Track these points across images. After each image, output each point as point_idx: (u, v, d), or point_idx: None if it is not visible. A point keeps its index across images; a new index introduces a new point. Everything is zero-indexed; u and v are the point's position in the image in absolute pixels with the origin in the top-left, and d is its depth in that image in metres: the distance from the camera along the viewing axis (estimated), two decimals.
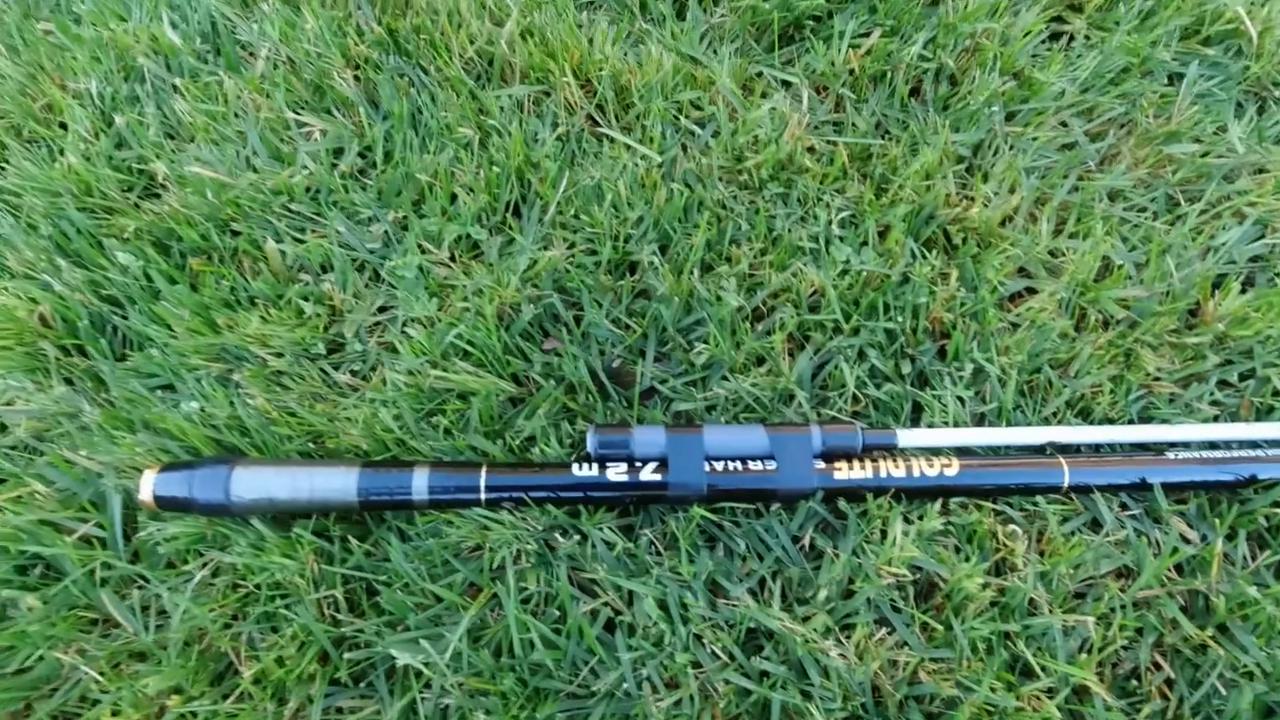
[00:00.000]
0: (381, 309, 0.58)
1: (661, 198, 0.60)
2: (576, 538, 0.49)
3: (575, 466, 0.50)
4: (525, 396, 0.55)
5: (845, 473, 0.50)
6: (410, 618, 0.47)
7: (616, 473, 0.50)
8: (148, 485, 0.48)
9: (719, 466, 0.50)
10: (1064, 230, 0.61)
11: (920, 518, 0.49)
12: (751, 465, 0.50)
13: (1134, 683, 0.48)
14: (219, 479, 0.48)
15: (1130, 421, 0.55)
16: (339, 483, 0.48)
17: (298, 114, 0.64)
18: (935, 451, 0.52)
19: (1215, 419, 0.55)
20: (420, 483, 0.49)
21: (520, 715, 0.45)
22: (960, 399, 0.55)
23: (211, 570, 0.49)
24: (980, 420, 0.55)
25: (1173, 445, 0.53)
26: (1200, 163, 0.63)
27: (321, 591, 0.48)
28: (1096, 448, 0.54)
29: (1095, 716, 0.46)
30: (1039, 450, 0.53)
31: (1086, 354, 0.55)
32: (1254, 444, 0.53)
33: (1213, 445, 0.53)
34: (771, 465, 0.50)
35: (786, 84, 0.68)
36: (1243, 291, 0.59)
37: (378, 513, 0.51)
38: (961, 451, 0.53)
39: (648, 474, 0.49)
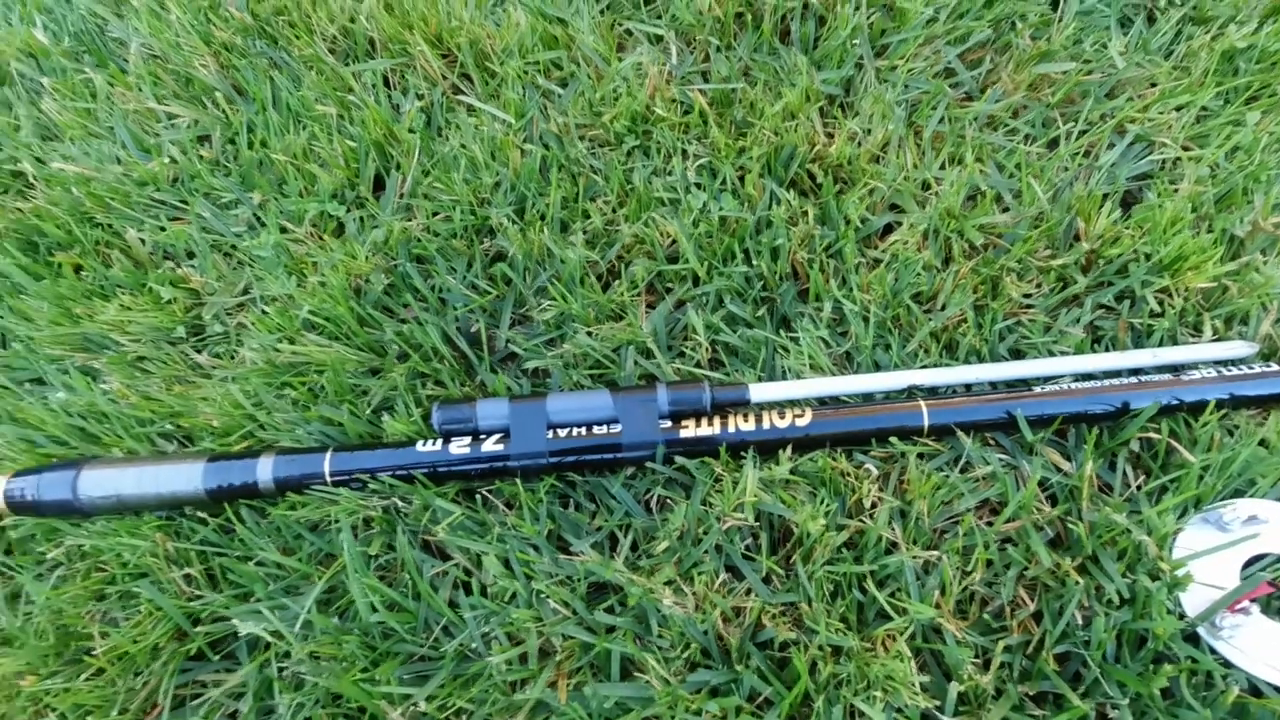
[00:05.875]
0: (245, 291, 0.58)
1: (517, 159, 0.59)
2: (418, 502, 0.49)
3: (420, 443, 0.49)
4: (389, 367, 0.55)
5: (692, 430, 0.49)
6: (259, 589, 0.48)
7: (459, 446, 0.49)
8: None
9: (563, 434, 0.49)
10: (930, 161, 0.59)
11: (771, 466, 0.48)
12: (596, 430, 0.49)
13: (1001, 620, 0.46)
14: (66, 480, 0.48)
15: (1001, 354, 0.53)
16: (186, 475, 0.49)
17: (163, 104, 0.64)
18: (789, 404, 0.50)
19: (1093, 346, 0.53)
20: (265, 470, 0.49)
21: (361, 677, 0.45)
22: (824, 340, 0.53)
23: (67, 554, 0.50)
24: (846, 360, 0.54)
25: (1030, 381, 0.51)
26: (1079, 81, 0.60)
27: (181, 570, 0.48)
28: (963, 388, 0.52)
29: (949, 654, 0.44)
30: (902, 394, 0.51)
31: (950, 285, 0.53)
32: (1119, 373, 0.51)
33: (1087, 377, 0.51)
34: (617, 429, 0.49)
35: (657, 38, 0.66)
36: (1126, 212, 0.57)
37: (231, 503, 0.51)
38: (821, 402, 0.51)
39: (490, 445, 0.49)
